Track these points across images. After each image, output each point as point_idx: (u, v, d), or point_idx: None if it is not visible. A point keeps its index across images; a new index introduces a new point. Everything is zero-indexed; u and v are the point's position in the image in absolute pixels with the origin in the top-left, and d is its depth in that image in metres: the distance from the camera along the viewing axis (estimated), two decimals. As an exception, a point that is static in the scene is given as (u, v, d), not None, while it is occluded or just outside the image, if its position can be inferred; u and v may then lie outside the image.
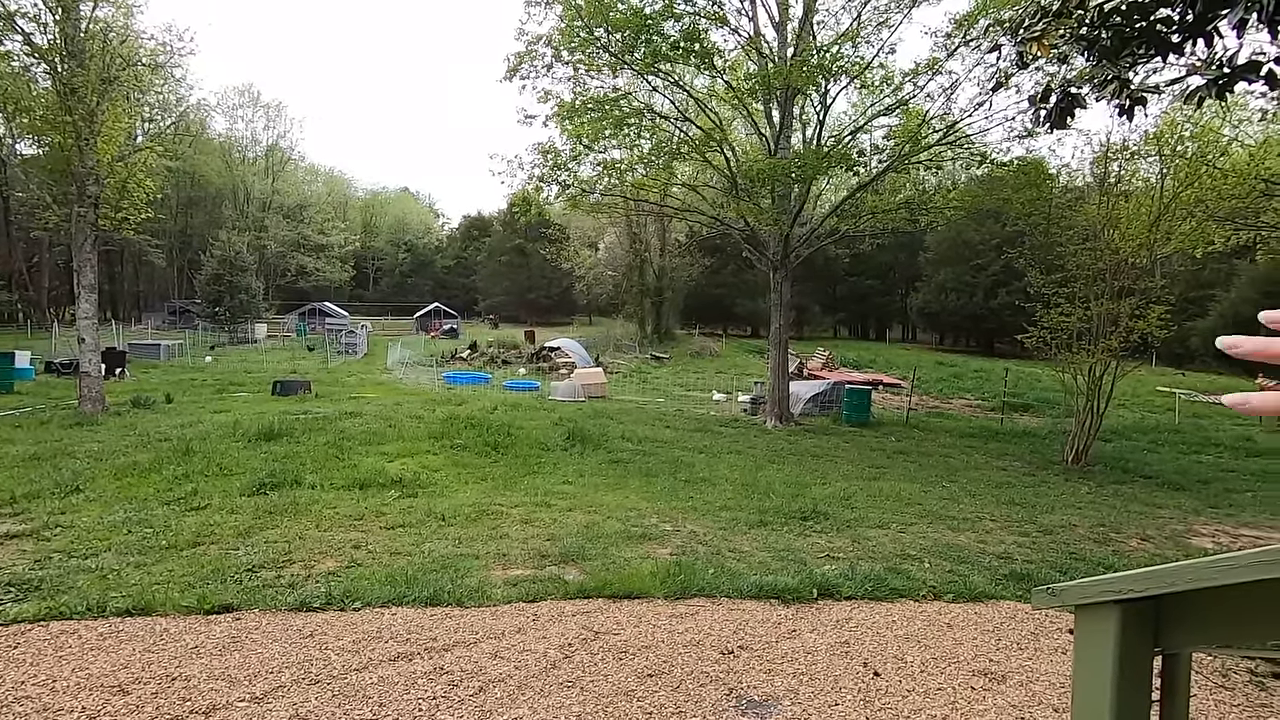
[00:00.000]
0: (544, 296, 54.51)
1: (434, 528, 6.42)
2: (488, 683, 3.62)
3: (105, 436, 10.73)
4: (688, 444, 12.52)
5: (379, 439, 10.80)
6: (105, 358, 16.55)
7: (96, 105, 13.33)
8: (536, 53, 15.11)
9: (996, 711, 3.57)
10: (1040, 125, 5.58)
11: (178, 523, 6.30)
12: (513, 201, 23.55)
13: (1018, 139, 14.81)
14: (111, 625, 4.17)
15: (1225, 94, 4.30)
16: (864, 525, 7.33)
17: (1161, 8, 4.30)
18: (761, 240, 16.77)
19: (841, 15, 15.54)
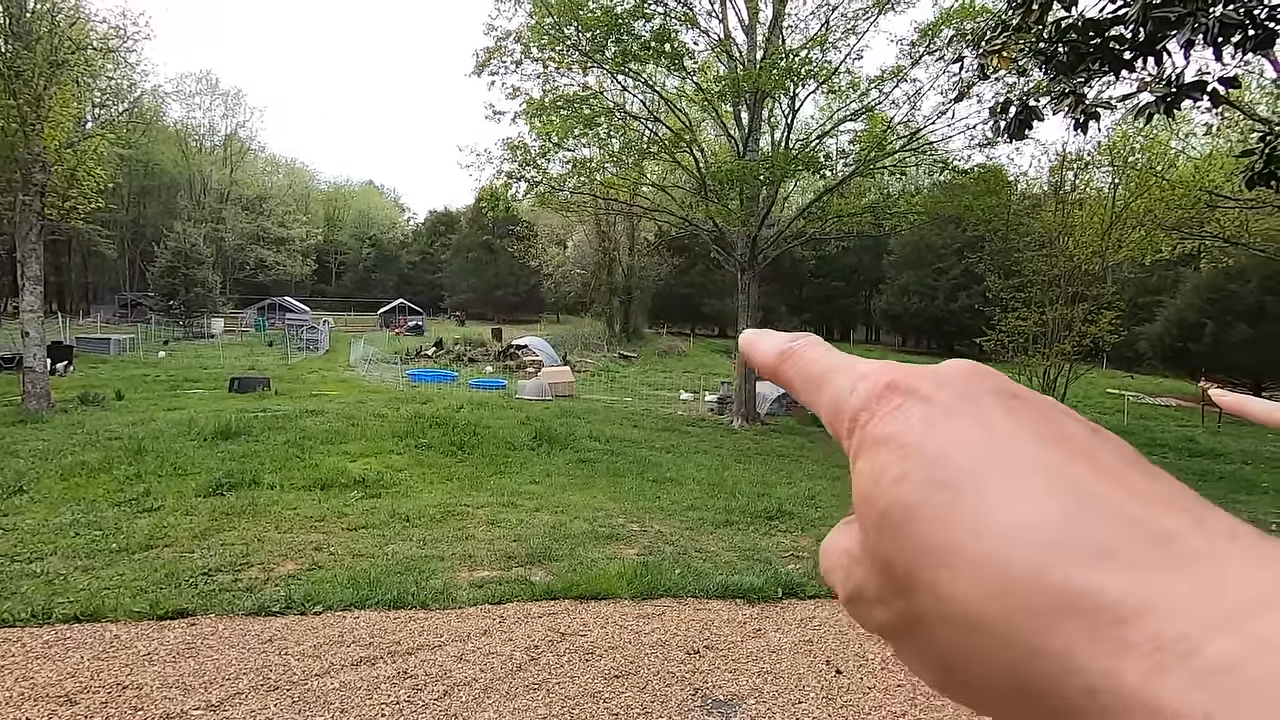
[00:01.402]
0: (511, 294, 54.07)
1: (398, 529, 6.33)
2: (453, 686, 3.59)
3: (51, 435, 10.32)
4: (655, 443, 12.57)
5: (341, 438, 10.60)
6: (51, 352, 15.91)
7: (43, 89, 12.79)
8: (506, 48, 14.99)
9: (955, 707, 3.68)
10: (1000, 135, 5.74)
11: (129, 525, 6.09)
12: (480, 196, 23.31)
13: (978, 147, 15.21)
14: (58, 632, 4.02)
15: (1173, 111, 4.49)
16: (828, 524, 7.43)
17: (1115, 26, 4.47)
18: (729, 241, 16.91)
19: (810, 20, 15.75)
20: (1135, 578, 0.17)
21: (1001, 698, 0.19)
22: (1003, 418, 0.22)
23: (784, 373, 0.28)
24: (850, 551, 0.24)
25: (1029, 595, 0.18)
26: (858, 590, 0.23)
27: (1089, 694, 0.17)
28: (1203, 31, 3.67)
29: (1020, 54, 4.83)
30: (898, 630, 0.22)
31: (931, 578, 0.19)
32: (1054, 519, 0.19)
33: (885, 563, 0.21)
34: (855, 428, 0.23)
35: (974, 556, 0.19)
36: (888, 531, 0.21)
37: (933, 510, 0.20)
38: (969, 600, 0.19)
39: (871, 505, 0.21)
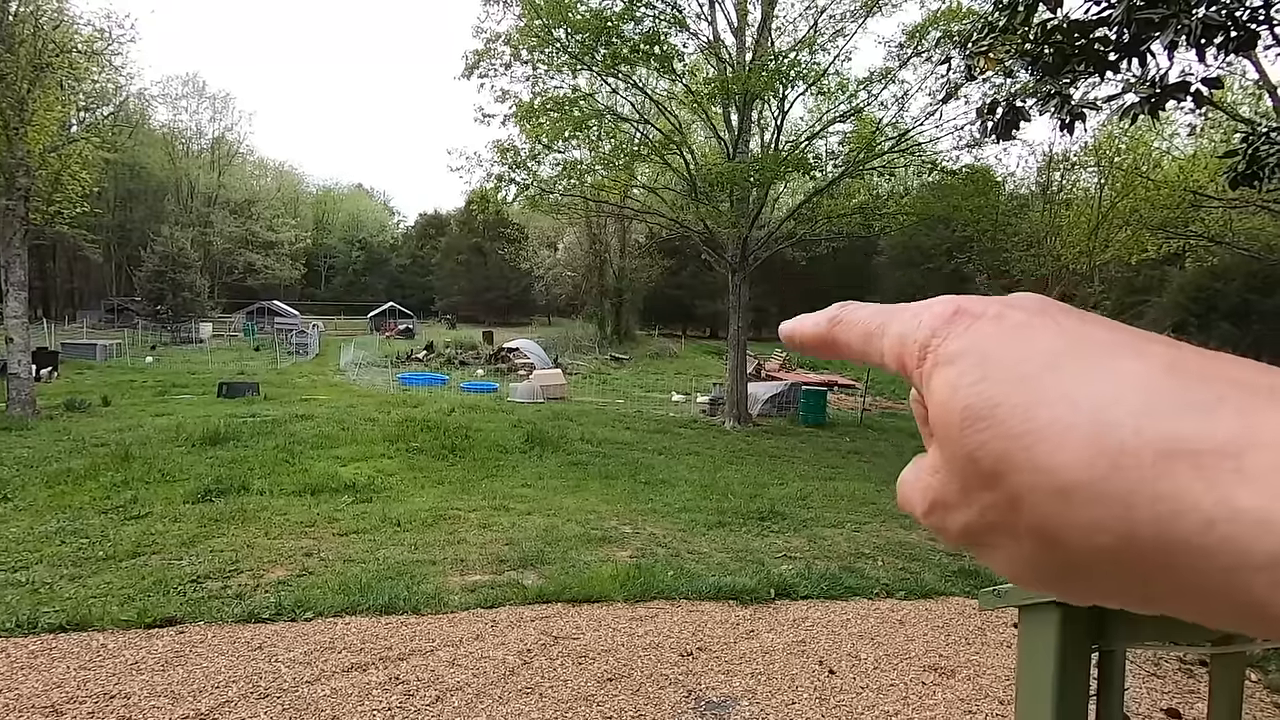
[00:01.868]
0: (502, 297, 53.91)
1: (389, 534, 6.30)
2: (445, 691, 3.57)
3: (36, 442, 10.20)
4: (647, 445, 12.56)
5: (331, 443, 10.54)
6: (35, 358, 15.72)
7: (27, 93, 12.66)
8: (495, 51, 14.97)
9: (946, 705, 3.69)
10: (987, 136, 5.79)
11: (116, 532, 6.03)
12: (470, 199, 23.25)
13: (966, 148, 15.33)
14: (43, 642, 3.97)
15: (1157, 111, 4.54)
16: (820, 525, 7.47)
17: (1099, 28, 4.51)
18: (720, 243, 16.94)
19: (799, 23, 15.83)
20: (1247, 420, 0.17)
21: (1104, 559, 0.19)
22: (1076, 322, 0.22)
23: (838, 336, 0.28)
24: (929, 466, 0.24)
25: (1134, 451, 0.18)
26: (938, 499, 0.23)
27: (1206, 528, 0.17)
28: (1185, 33, 3.71)
29: (1007, 55, 4.86)
30: (981, 528, 0.22)
31: (1026, 458, 0.20)
32: (1152, 383, 0.19)
33: (968, 460, 0.21)
34: (927, 353, 0.24)
35: (1071, 425, 0.19)
36: (971, 428, 0.21)
37: (1020, 398, 0.20)
38: (1068, 468, 0.19)
39: (951, 410, 0.22)
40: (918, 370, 0.24)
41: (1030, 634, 1.51)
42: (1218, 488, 0.17)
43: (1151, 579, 0.18)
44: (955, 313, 0.24)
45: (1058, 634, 1.42)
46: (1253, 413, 0.18)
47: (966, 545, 0.23)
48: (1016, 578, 0.22)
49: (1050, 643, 1.43)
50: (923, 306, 0.25)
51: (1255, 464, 0.17)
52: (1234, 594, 0.17)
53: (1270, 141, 4.83)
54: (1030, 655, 1.50)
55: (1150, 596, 0.19)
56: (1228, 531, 0.17)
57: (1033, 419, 0.20)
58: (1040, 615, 1.47)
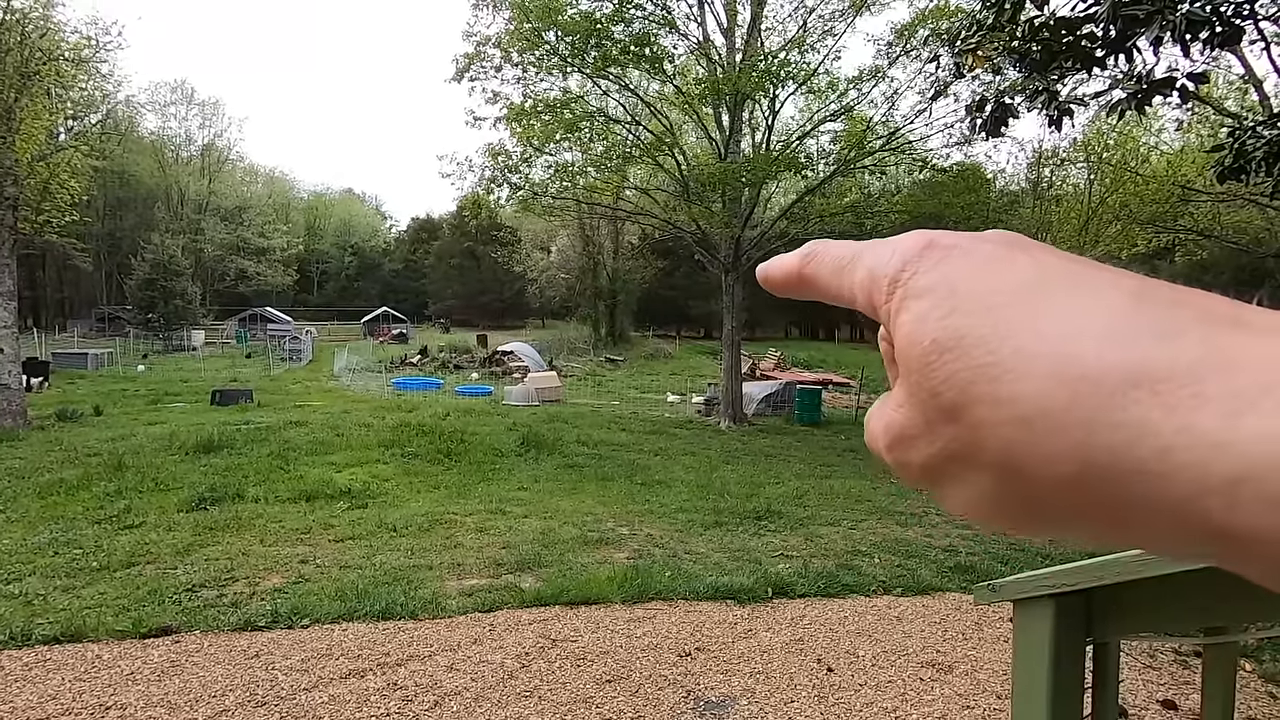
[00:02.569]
0: (496, 300, 53.83)
1: (385, 539, 6.28)
2: (443, 696, 3.56)
3: (27, 452, 10.13)
4: (643, 446, 12.56)
5: (326, 449, 10.50)
6: (26, 368, 15.62)
7: (14, 101, 12.58)
8: (485, 54, 14.96)
9: (944, 701, 3.70)
10: (976, 133, 5.82)
11: (110, 542, 5.99)
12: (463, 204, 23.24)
13: (956, 145, 15.40)
14: (38, 654, 3.94)
15: (1144, 107, 4.57)
16: (816, 523, 7.49)
17: (1086, 24, 4.54)
18: (713, 243, 16.96)
19: (788, 23, 15.87)
20: (1208, 347, 0.17)
21: (1065, 489, 0.19)
22: (1048, 255, 0.22)
23: (810, 271, 0.28)
24: (894, 401, 0.24)
25: (1096, 379, 0.18)
26: (902, 433, 0.23)
27: (1163, 454, 0.17)
28: (1171, 28, 3.74)
29: (994, 53, 4.89)
30: (942, 461, 0.22)
31: (989, 390, 0.20)
32: (1117, 311, 0.19)
33: (932, 393, 0.21)
34: (897, 286, 0.23)
35: (1035, 354, 0.19)
36: (936, 361, 0.21)
37: (987, 329, 0.20)
38: (1031, 397, 0.19)
39: (917, 343, 0.22)
40: (886, 305, 0.24)
41: (1025, 628, 1.52)
42: (1177, 413, 0.17)
43: (1111, 509, 0.18)
44: (926, 246, 0.24)
45: (1052, 628, 1.43)
46: (1215, 339, 0.18)
47: (927, 481, 0.23)
48: (977, 514, 0.22)
49: (1045, 637, 1.44)
50: (895, 240, 0.25)
51: (1214, 389, 0.17)
52: (1192, 521, 0.17)
53: (1256, 136, 4.87)
54: (1025, 649, 1.51)
55: (1110, 527, 0.19)
56: (1185, 457, 0.16)
57: (998, 350, 0.20)
58: (1035, 609, 1.48)
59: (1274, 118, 5.03)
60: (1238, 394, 0.16)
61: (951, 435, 0.21)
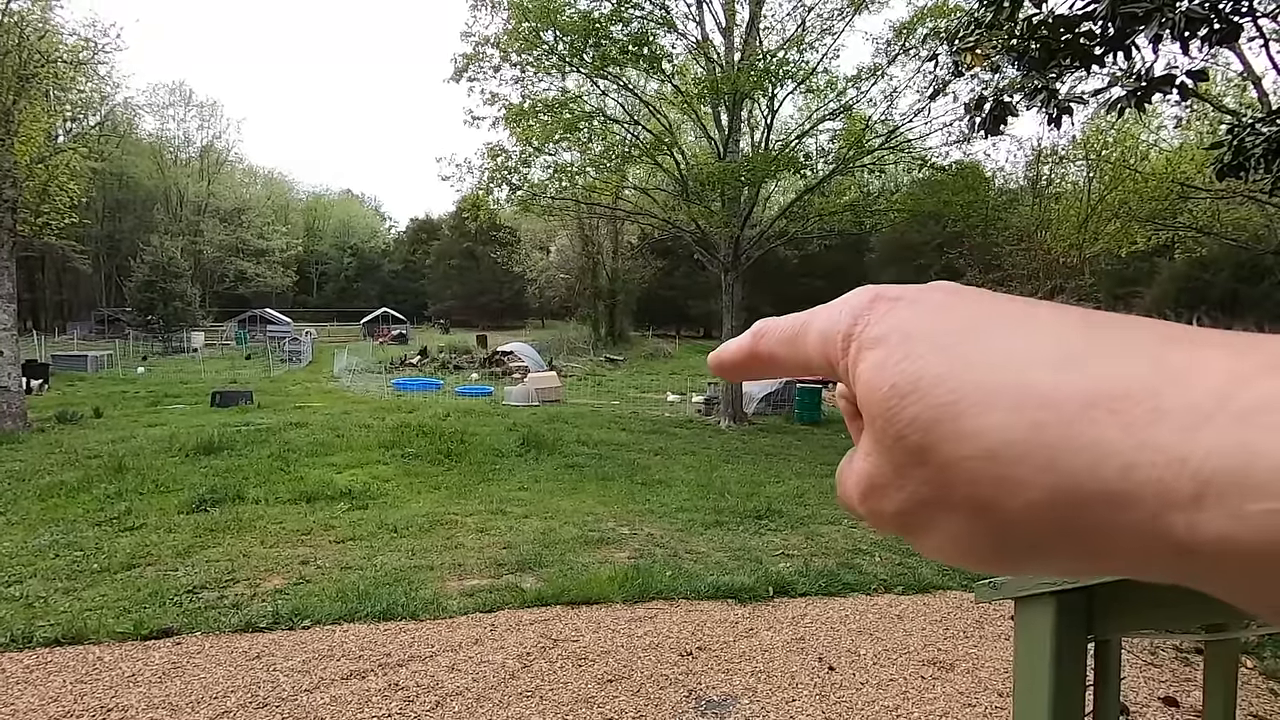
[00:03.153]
0: (495, 300, 53.82)
1: (386, 540, 6.28)
2: (445, 697, 3.56)
3: (28, 455, 10.12)
4: (643, 446, 12.56)
5: (326, 450, 10.50)
6: (26, 371, 15.61)
7: (13, 104, 12.58)
8: (484, 54, 14.96)
9: (946, 699, 3.70)
10: (975, 131, 5.82)
11: (110, 544, 5.99)
12: (462, 206, 23.21)
13: (955, 144, 15.39)
14: (39, 656, 3.94)
15: (1143, 104, 4.57)
16: (817, 522, 7.49)
17: (1084, 22, 4.54)
18: (712, 243, 16.96)
19: (787, 22, 15.87)
20: (1163, 364, 0.17)
21: (1036, 520, 0.19)
22: (991, 298, 0.23)
23: (763, 349, 0.28)
24: (861, 452, 0.24)
25: (1055, 405, 0.18)
26: (870, 483, 0.23)
27: (1125, 473, 0.17)
28: (1170, 26, 3.74)
29: (993, 51, 4.89)
30: (914, 507, 0.22)
31: (953, 427, 0.20)
32: (1068, 337, 0.19)
33: (897, 437, 0.21)
34: (850, 340, 0.24)
35: (993, 387, 0.19)
36: (898, 405, 0.21)
37: (944, 368, 0.20)
38: (994, 429, 0.19)
39: (877, 390, 0.22)
40: (843, 361, 0.24)
41: (1026, 626, 1.52)
42: (1135, 431, 0.17)
43: (1081, 535, 0.18)
44: (874, 299, 0.24)
45: (1053, 625, 1.43)
46: (1168, 357, 0.18)
47: (901, 529, 0.23)
48: (953, 555, 0.22)
49: (1046, 634, 1.44)
50: (841, 301, 0.25)
51: (1170, 403, 0.17)
52: (1156, 540, 0.17)
53: (1255, 133, 4.87)
54: (1027, 647, 1.51)
55: (1082, 554, 0.19)
56: (1147, 474, 0.16)
57: (957, 387, 0.20)
58: (1036, 607, 1.48)
59: (1273, 114, 5.03)
60: (1194, 407, 0.16)
61: (921, 478, 0.21)
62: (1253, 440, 0.15)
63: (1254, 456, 0.15)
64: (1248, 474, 0.15)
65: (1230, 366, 0.17)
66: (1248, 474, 0.15)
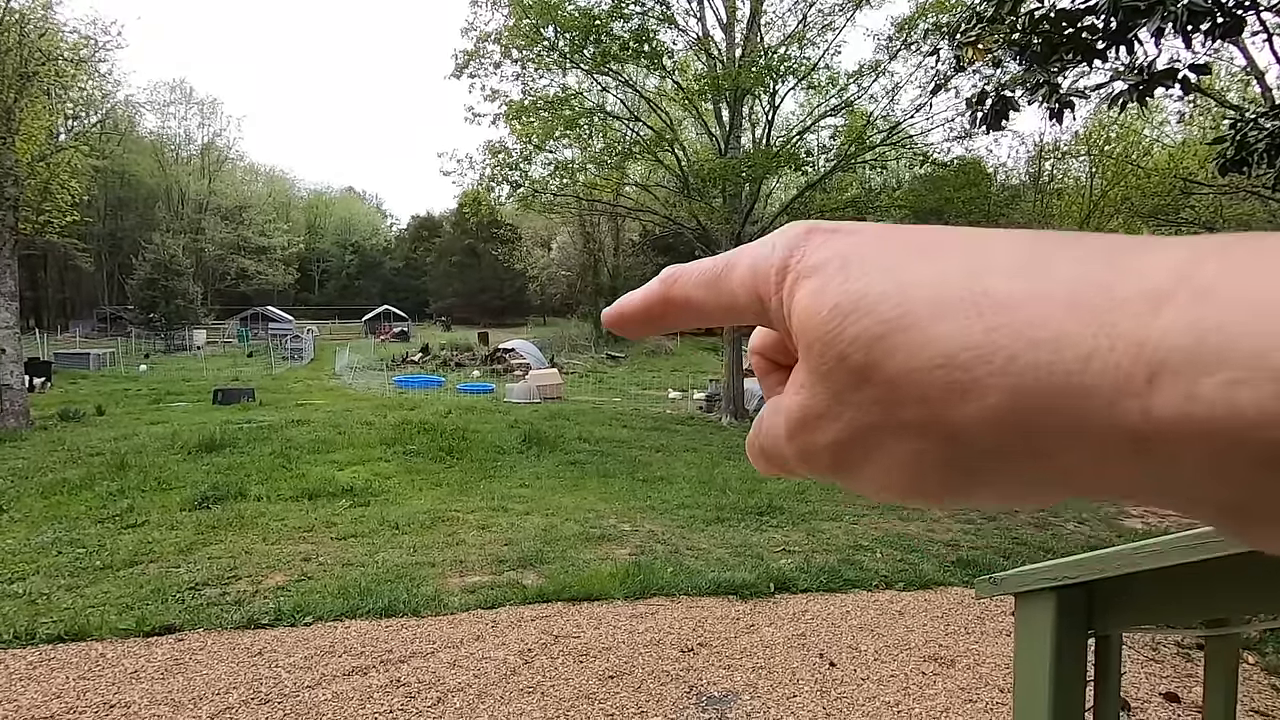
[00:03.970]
0: (497, 298, 53.84)
1: (387, 537, 6.29)
2: (446, 693, 3.57)
3: (30, 453, 10.15)
4: (645, 443, 12.56)
5: (328, 447, 10.51)
6: (28, 369, 15.65)
7: (14, 102, 12.58)
8: (485, 50, 14.94)
9: (947, 695, 3.70)
10: (977, 127, 5.79)
11: (113, 541, 6.00)
12: (463, 201, 23.23)
13: (957, 140, 15.35)
14: (42, 653, 3.95)
15: (1145, 98, 4.55)
16: (818, 518, 7.49)
17: (1086, 16, 4.52)
18: (714, 239, 16.93)
19: (788, 17, 15.83)
20: (1118, 261, 0.17)
21: (991, 425, 0.18)
22: (938, 227, 0.22)
23: (677, 293, 0.26)
24: (790, 389, 0.23)
25: (1011, 306, 0.18)
26: (804, 416, 0.22)
27: (1084, 363, 0.16)
28: (1172, 20, 3.72)
29: (995, 45, 4.87)
30: (855, 434, 0.21)
31: (903, 339, 0.19)
32: (1020, 247, 0.19)
33: (839, 359, 0.20)
34: (786, 272, 0.22)
35: (943, 297, 0.19)
36: (840, 325, 0.20)
37: (890, 284, 0.20)
38: (946, 337, 0.18)
39: (816, 314, 0.21)
40: (776, 295, 0.23)
41: (1026, 621, 1.52)
42: (1093, 320, 0.16)
43: (1038, 439, 0.17)
44: (809, 230, 0.23)
45: (1054, 621, 1.42)
46: (1123, 256, 0.17)
47: (835, 463, 0.22)
48: (898, 484, 0.21)
49: (1047, 629, 1.43)
50: (772, 235, 0.24)
51: (1127, 290, 0.16)
52: (1113, 433, 0.16)
53: (1258, 127, 4.85)
54: (1027, 642, 1.51)
55: (1037, 463, 0.18)
56: (1105, 361, 0.16)
57: (904, 301, 0.19)
58: (1036, 602, 1.48)
59: (1276, 109, 5.01)
60: (1151, 291, 0.16)
61: (864, 400, 0.20)
62: (1207, 315, 0.15)
63: (1207, 331, 0.15)
64: (1200, 348, 0.15)
65: (1187, 255, 0.16)
66: (1200, 348, 0.15)
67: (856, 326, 0.20)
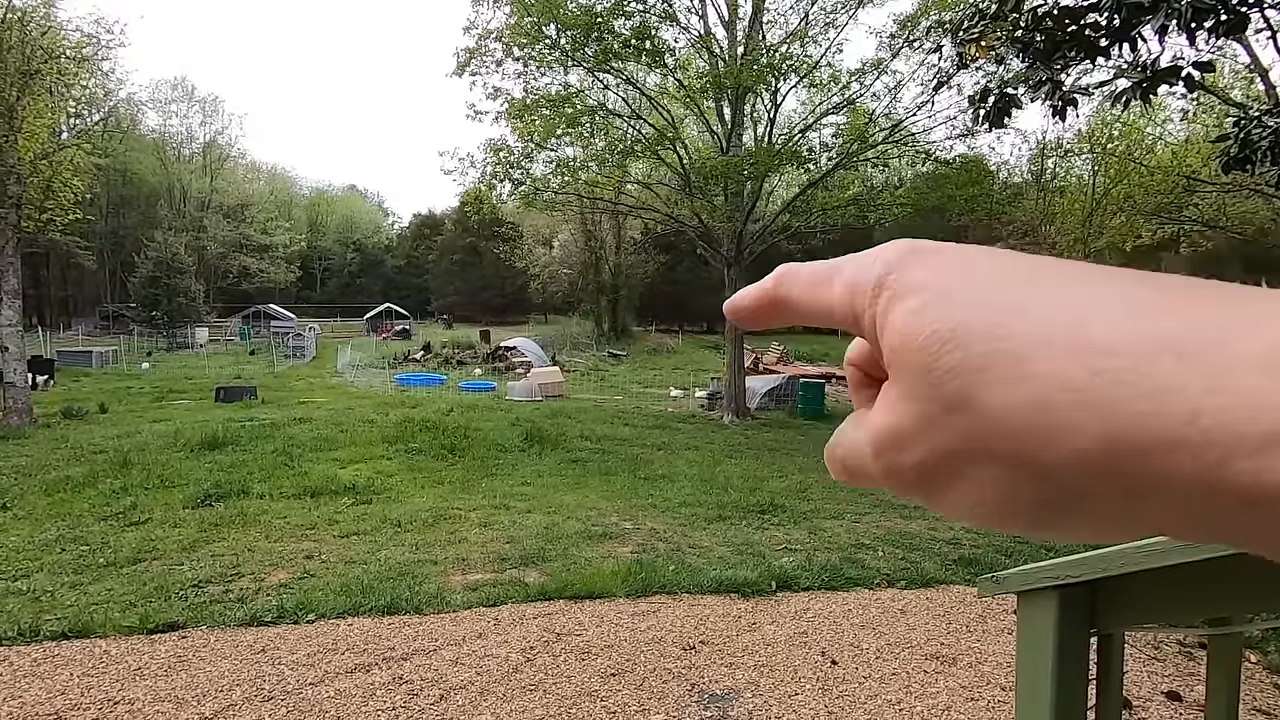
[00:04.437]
0: (498, 296, 53.85)
1: (389, 534, 6.30)
2: (448, 690, 3.58)
3: (34, 450, 10.18)
4: (646, 441, 12.57)
5: (330, 445, 10.53)
6: (31, 367, 15.68)
7: (16, 100, 12.60)
8: (486, 48, 14.93)
9: (949, 693, 3.70)
10: (980, 124, 5.78)
11: (116, 539, 6.02)
12: (464, 200, 23.23)
13: (959, 137, 15.31)
14: (46, 650, 3.96)
15: (1149, 96, 4.54)
16: (820, 516, 7.49)
17: (1090, 13, 4.51)
18: (716, 237, 16.93)
19: (790, 15, 15.79)
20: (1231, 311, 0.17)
21: (1085, 472, 0.18)
22: (1042, 257, 0.22)
23: (782, 293, 0.27)
24: (878, 408, 0.23)
25: (1116, 351, 0.17)
26: (894, 435, 0.22)
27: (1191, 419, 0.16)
28: (1176, 17, 3.71)
29: (998, 42, 4.86)
30: (943, 458, 0.20)
31: (999, 373, 0.19)
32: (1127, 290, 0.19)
33: (934, 385, 0.20)
34: (883, 289, 0.22)
35: (1047, 335, 0.18)
36: (938, 350, 0.20)
37: (991, 315, 0.19)
38: (1047, 376, 0.18)
39: (914, 337, 0.21)
40: (871, 309, 0.23)
41: (1029, 619, 1.52)
42: (1205, 375, 0.16)
43: (1131, 484, 0.17)
44: (911, 250, 0.23)
45: (1056, 619, 1.42)
46: (1235, 305, 0.17)
47: (921, 483, 0.22)
48: (983, 511, 0.21)
49: (1049, 627, 1.43)
50: (875, 249, 0.24)
51: (1244, 347, 0.16)
52: (1219, 489, 0.16)
53: (1262, 125, 4.84)
54: (1029, 641, 1.51)
55: (1127, 506, 0.18)
56: (1215, 420, 0.15)
57: (1005, 335, 0.19)
58: (1038, 601, 1.48)
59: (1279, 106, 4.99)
60: (1268, 352, 0.15)
61: (956, 427, 0.20)
62: None
63: None
64: None
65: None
66: None
67: (954, 356, 0.19)
